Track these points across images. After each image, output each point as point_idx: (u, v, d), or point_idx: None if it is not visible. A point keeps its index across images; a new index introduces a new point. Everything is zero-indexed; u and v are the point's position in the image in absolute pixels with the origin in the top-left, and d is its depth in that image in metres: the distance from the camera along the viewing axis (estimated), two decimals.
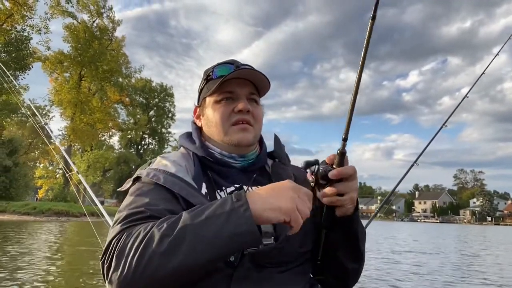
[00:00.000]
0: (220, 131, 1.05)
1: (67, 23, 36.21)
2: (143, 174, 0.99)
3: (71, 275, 6.56)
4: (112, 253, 0.78)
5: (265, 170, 1.13)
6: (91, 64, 36.37)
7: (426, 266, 9.65)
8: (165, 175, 0.96)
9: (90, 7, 37.29)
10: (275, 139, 1.20)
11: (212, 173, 1.05)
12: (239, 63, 1.08)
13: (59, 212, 26.82)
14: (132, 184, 1.01)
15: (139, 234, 0.76)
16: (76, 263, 8.30)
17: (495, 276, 8.45)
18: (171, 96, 59.48)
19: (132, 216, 0.85)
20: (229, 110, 1.05)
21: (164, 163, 1.01)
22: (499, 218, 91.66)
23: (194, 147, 1.09)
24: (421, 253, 13.19)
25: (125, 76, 42.77)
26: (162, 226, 0.76)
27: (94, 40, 36.89)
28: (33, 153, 46.64)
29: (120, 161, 49.63)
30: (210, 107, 1.08)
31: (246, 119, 1.05)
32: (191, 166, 1.03)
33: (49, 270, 6.96)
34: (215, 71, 1.07)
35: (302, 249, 0.99)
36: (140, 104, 56.55)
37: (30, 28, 31.45)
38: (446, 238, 24.52)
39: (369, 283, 6.78)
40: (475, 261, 11.52)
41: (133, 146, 58.09)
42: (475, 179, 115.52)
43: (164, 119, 59.19)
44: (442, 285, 7.10)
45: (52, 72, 37.73)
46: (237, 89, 1.05)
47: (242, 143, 1.04)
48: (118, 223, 0.85)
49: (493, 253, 14.81)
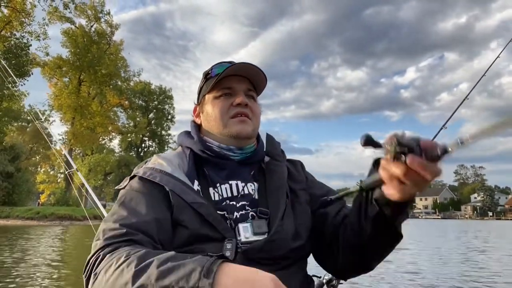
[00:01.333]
0: (220, 124, 1.08)
1: (65, 28, 36.49)
2: (140, 173, 1.03)
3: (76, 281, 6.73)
4: (90, 271, 0.82)
5: (261, 166, 1.15)
6: (89, 69, 36.60)
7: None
8: (160, 174, 1.00)
9: (87, 12, 37.51)
10: (267, 137, 1.23)
11: (208, 169, 1.07)
12: (235, 62, 1.11)
13: (62, 216, 27.05)
14: (129, 182, 1.04)
15: (111, 264, 0.78)
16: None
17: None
18: (170, 98, 59.67)
19: (111, 231, 0.87)
20: (228, 104, 1.08)
21: (159, 162, 1.05)
22: (501, 213, 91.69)
23: (192, 142, 1.11)
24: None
25: (124, 80, 42.99)
26: (131, 267, 0.74)
27: (93, 45, 37.14)
28: (34, 158, 46.89)
29: (120, 164, 49.74)
30: (209, 103, 1.12)
31: (245, 112, 1.08)
32: (185, 164, 1.06)
33: (60, 275, 7.15)
34: (214, 69, 1.12)
35: (295, 243, 0.99)
36: (140, 107, 56.71)
37: (29, 34, 31.65)
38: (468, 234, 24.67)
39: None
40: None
41: (133, 149, 58.24)
42: (475, 174, 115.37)
43: (164, 122, 59.33)
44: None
45: (52, 78, 37.97)
46: (235, 85, 1.09)
47: (241, 135, 1.07)
48: (99, 238, 0.87)
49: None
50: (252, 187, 1.07)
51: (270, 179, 1.09)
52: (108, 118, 42.06)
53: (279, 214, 1.00)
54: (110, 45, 39.88)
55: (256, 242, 0.94)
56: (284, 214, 1.01)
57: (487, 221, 69.62)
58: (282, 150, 1.22)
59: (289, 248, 0.97)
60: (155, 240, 0.88)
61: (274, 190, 1.06)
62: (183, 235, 0.93)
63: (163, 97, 58.89)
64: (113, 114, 46.48)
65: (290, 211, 1.04)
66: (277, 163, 1.15)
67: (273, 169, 1.13)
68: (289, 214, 1.03)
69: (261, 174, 1.12)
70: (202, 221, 0.94)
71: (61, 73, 37.69)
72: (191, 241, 0.93)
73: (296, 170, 1.18)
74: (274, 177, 1.10)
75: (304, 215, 1.07)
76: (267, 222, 0.99)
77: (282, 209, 1.01)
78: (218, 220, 0.95)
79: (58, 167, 47.88)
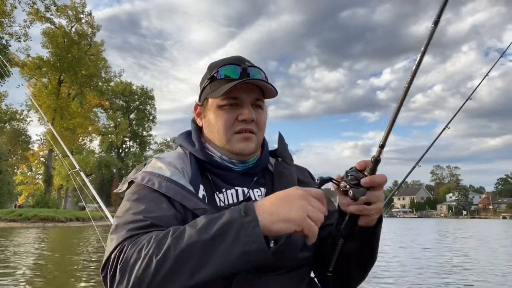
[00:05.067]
0: (222, 138, 1.02)
1: (45, 28, 36.08)
2: (138, 178, 0.97)
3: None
4: (115, 266, 0.77)
5: (268, 169, 1.11)
6: (70, 69, 36.24)
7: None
8: (159, 179, 0.94)
9: (68, 12, 37.17)
10: (279, 138, 1.19)
11: (211, 175, 1.04)
12: (246, 64, 1.02)
13: (45, 218, 26.92)
14: (128, 187, 1.00)
15: (142, 247, 0.75)
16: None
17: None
18: (151, 99, 59.40)
19: (132, 224, 0.83)
20: (233, 118, 1.01)
21: (159, 166, 0.99)
22: (474, 212, 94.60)
23: (194, 150, 1.06)
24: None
25: (105, 80, 42.68)
26: (166, 240, 0.74)
27: (73, 45, 36.83)
28: (10, 159, 45.93)
29: (101, 165, 49.29)
30: (212, 111, 1.04)
31: (250, 128, 1.02)
32: (188, 167, 1.01)
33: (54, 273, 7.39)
34: (220, 71, 1.01)
35: (303, 254, 0.97)
36: (121, 107, 56.30)
37: (9, 36, 31.25)
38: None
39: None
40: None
41: (114, 150, 57.73)
42: (451, 174, 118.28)
43: (145, 122, 59.05)
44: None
45: (31, 78, 37.42)
46: (243, 95, 1.00)
47: (244, 153, 1.02)
48: (118, 231, 0.83)
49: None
50: (259, 193, 1.05)
51: (279, 183, 1.06)
52: (88, 119, 41.65)
53: None
54: (91, 45, 39.57)
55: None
56: None
57: (461, 220, 71.75)
58: (290, 154, 1.18)
59: (297, 258, 0.96)
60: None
61: None
62: None
63: (145, 97, 58.61)
64: (93, 114, 46.01)
65: None
66: (287, 166, 1.12)
67: (283, 172, 1.09)
68: None
69: (268, 177, 1.09)
70: None
71: (41, 73, 37.23)
72: None
73: (304, 177, 1.15)
74: (284, 181, 1.06)
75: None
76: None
77: None
78: None
79: (36, 168, 47.11)
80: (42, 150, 43.69)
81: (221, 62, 1.05)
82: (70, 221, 28.75)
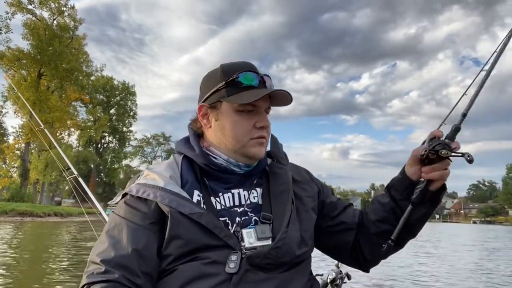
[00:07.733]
0: (238, 142, 1.03)
1: (26, 19, 35.47)
2: (132, 191, 1.00)
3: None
4: None
5: (265, 170, 1.13)
6: (51, 63, 35.76)
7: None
8: (153, 189, 0.97)
9: (51, 4, 36.66)
10: (272, 138, 1.18)
11: (208, 180, 1.05)
12: (259, 73, 1.06)
13: (23, 213, 26.65)
14: (121, 198, 1.04)
15: None
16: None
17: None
18: (133, 95, 58.78)
19: (94, 266, 0.91)
20: (251, 125, 1.03)
21: (152, 177, 1.02)
22: (447, 216, 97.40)
23: (193, 155, 1.07)
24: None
25: (85, 74, 42.20)
26: None
27: (55, 38, 36.25)
28: None
29: (79, 160, 48.55)
30: (228, 116, 1.04)
31: (265, 135, 1.06)
32: (177, 175, 1.03)
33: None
34: (241, 77, 1.02)
35: (300, 250, 0.99)
36: (101, 102, 55.61)
37: None
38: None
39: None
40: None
41: (92, 144, 56.97)
42: None
43: (126, 118, 58.51)
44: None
45: (9, 69, 36.69)
46: (260, 103, 1.03)
47: (257, 157, 1.05)
48: (86, 271, 0.91)
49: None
50: (255, 194, 1.06)
51: (274, 183, 1.08)
52: (67, 113, 41.11)
53: (285, 219, 0.99)
54: (72, 39, 39.08)
55: (261, 248, 0.94)
56: (289, 220, 1.00)
57: (434, 223, 73.70)
58: (285, 153, 1.20)
59: (294, 255, 0.97)
60: (135, 273, 0.89)
61: (278, 194, 1.05)
62: (184, 247, 0.93)
63: (126, 93, 58.00)
64: (73, 109, 45.40)
65: (295, 217, 1.02)
66: (281, 166, 1.13)
67: (277, 172, 1.11)
68: (294, 221, 1.01)
69: (265, 178, 1.11)
70: (202, 230, 0.93)
71: (20, 65, 36.56)
72: (193, 251, 0.93)
73: (300, 176, 1.17)
74: (279, 181, 1.09)
75: (309, 222, 1.08)
76: (271, 227, 0.99)
77: (287, 215, 1.00)
78: (219, 228, 0.94)
79: (11, 161, 46.13)
80: (18, 142, 42.84)
81: (237, 66, 1.05)
82: (48, 216, 28.51)
